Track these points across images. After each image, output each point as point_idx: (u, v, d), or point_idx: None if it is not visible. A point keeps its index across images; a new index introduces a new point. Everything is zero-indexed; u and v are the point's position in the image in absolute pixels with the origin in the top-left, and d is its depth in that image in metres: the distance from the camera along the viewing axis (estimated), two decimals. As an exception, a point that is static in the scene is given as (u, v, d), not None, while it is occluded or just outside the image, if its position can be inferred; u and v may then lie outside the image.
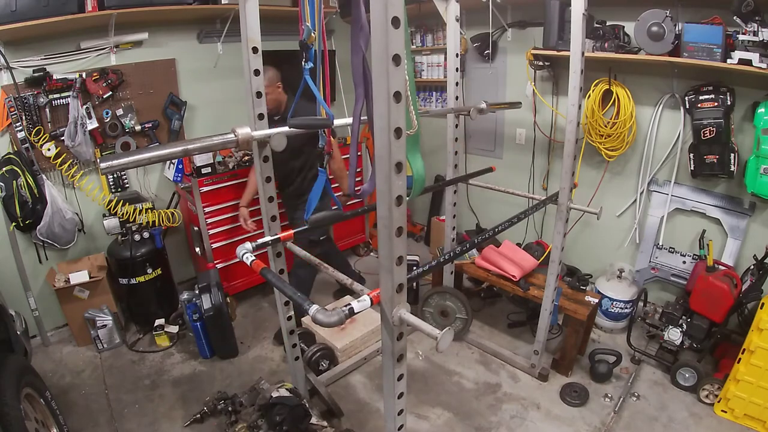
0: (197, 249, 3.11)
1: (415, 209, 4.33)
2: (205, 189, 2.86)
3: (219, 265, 2.98)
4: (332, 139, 1.43)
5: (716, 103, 2.22)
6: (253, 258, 1.51)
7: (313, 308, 1.14)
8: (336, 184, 2.76)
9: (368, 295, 1.15)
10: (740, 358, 2.04)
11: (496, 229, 1.90)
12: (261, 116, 1.66)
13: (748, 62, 2.01)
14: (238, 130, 1.32)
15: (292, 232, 1.81)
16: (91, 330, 2.73)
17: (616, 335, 2.79)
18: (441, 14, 2.36)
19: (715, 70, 2.19)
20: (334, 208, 1.56)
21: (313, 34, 1.28)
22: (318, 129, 1.52)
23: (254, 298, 3.32)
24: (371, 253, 4.00)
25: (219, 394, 2.26)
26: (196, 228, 3.03)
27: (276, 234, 1.79)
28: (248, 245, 1.59)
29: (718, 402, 2.16)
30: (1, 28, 2.29)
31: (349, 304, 1.14)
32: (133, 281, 2.79)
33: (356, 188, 1.21)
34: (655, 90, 2.55)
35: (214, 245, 2.99)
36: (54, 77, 2.60)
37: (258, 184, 1.78)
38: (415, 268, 1.37)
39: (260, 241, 1.72)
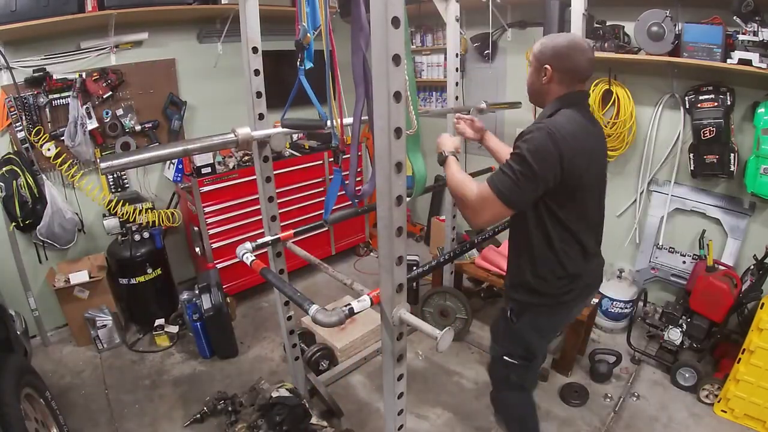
0: (197, 249, 3.11)
1: (415, 209, 4.33)
2: (205, 189, 2.86)
3: (219, 265, 2.98)
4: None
5: (716, 103, 2.21)
6: (253, 258, 1.51)
7: (313, 308, 1.14)
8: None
9: (368, 295, 1.15)
10: (740, 358, 2.04)
11: (496, 229, 1.90)
12: (261, 116, 1.66)
13: (748, 62, 2.01)
14: (238, 130, 1.32)
15: (292, 232, 1.81)
16: (91, 330, 2.72)
17: (616, 335, 2.78)
18: (441, 14, 2.37)
19: (715, 70, 2.19)
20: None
21: (309, 34, 1.28)
22: (311, 130, 1.50)
23: (254, 298, 3.32)
24: (371, 253, 4.00)
25: (219, 394, 2.26)
26: (196, 228, 3.03)
27: (276, 234, 1.79)
28: (248, 245, 1.59)
29: (718, 402, 2.16)
30: (1, 28, 2.29)
31: (349, 304, 1.14)
32: (133, 281, 2.79)
33: (356, 188, 1.20)
34: (655, 90, 2.55)
35: (214, 245, 2.99)
36: (54, 77, 2.59)
37: (258, 184, 1.78)
38: (415, 268, 1.37)
39: (260, 241, 1.72)
